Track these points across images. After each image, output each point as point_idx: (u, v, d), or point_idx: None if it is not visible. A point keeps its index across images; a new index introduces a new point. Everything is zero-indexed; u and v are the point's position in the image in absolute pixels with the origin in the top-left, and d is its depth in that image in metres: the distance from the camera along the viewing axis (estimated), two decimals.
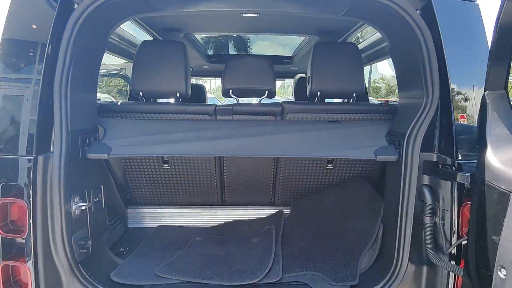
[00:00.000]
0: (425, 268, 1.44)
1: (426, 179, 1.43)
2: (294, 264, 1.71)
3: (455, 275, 1.31)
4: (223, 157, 2.00)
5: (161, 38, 2.62)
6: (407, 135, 1.44)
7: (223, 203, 2.32)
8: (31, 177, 1.27)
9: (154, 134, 1.63)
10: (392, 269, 1.47)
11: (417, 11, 1.35)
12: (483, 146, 1.08)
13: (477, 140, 1.16)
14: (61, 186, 1.32)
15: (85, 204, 1.44)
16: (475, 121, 1.29)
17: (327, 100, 2.13)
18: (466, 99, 1.34)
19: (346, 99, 2.12)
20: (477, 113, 1.20)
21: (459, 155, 1.29)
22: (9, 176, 1.28)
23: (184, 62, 1.89)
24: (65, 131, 1.33)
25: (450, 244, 1.33)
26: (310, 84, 1.98)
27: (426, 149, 1.41)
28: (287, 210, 2.29)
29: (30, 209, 1.27)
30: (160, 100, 2.40)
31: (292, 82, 3.63)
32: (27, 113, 1.28)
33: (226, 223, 2.24)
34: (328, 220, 2.00)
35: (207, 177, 2.14)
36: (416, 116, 1.40)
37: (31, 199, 1.27)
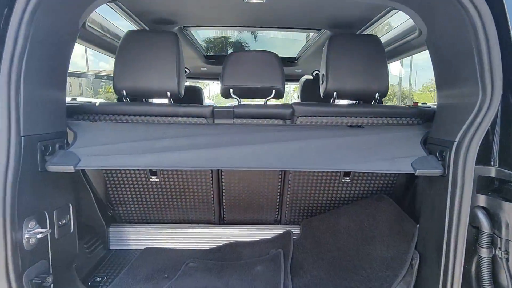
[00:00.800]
0: None
1: (481, 200, 1.11)
2: None
3: None
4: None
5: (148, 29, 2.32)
6: (455, 143, 1.13)
7: (221, 221, 2.00)
8: None
9: (137, 141, 1.32)
10: None
11: None
12: None
13: None
14: (7, 207, 1.00)
15: (43, 230, 1.12)
16: None
17: (342, 102, 1.83)
18: None
19: (360, 101, 1.82)
20: None
21: None
22: None
23: (177, 56, 1.59)
24: (14, 136, 1.02)
25: None
26: (325, 82, 1.68)
27: (481, 161, 1.10)
28: (296, 230, 1.97)
29: None
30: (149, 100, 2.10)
31: (298, 85, 3.34)
32: None
33: (225, 245, 1.91)
34: (346, 245, 1.67)
35: (202, 190, 1.82)
36: (469, 119, 1.10)
37: None
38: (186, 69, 3.70)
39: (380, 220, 1.67)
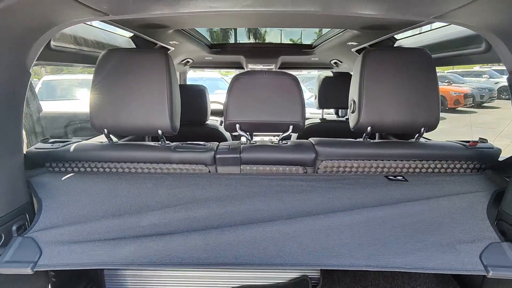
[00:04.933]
0: None
1: None
2: None
3: None
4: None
5: (141, 35, 1.93)
6: None
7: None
8: None
9: (119, 215, 1.03)
10: None
11: None
12: None
13: None
14: None
15: None
16: None
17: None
18: None
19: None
20: None
21: None
22: None
23: (168, 82, 1.25)
24: None
25: None
26: (356, 112, 1.31)
27: None
28: (312, 274, 1.71)
29: None
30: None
31: (315, 81, 2.92)
32: None
33: None
34: None
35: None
36: None
37: None
38: (189, 60, 3.30)
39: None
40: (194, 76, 8.86)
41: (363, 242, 0.97)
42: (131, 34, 2.09)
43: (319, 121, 2.84)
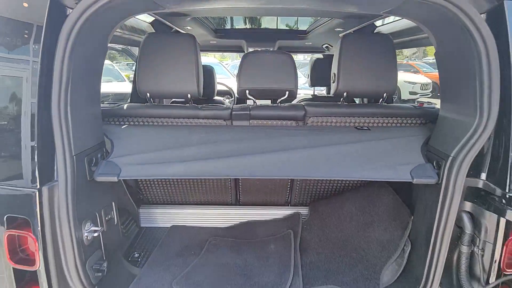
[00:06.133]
0: None
1: (467, 206, 1.30)
2: (314, 276, 1.66)
3: None
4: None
5: (164, 21, 2.34)
6: (451, 158, 1.28)
7: (237, 202, 2.24)
8: (37, 209, 1.16)
9: (165, 149, 1.48)
10: None
11: (482, 15, 1.11)
12: None
13: None
14: (70, 216, 1.21)
15: (97, 228, 1.35)
16: None
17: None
18: None
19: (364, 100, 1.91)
20: None
21: None
22: (14, 209, 1.17)
23: (195, 58, 1.68)
24: (69, 157, 1.19)
25: (488, 277, 1.24)
26: (336, 82, 1.77)
27: (471, 173, 1.26)
28: (303, 211, 2.21)
29: (40, 242, 1.18)
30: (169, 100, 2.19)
31: (308, 63, 3.35)
32: (27, 140, 1.13)
33: (241, 224, 2.18)
34: (349, 227, 1.92)
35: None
36: (465, 138, 1.23)
37: (39, 233, 1.17)
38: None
39: (380, 207, 1.88)
40: None
41: (334, 164, 1.45)
42: (152, 19, 2.50)
43: (311, 96, 3.30)
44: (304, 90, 5.36)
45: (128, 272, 1.67)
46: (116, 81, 7.81)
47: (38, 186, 1.15)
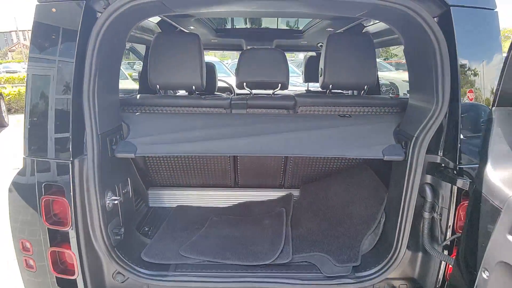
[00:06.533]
0: (420, 256, 1.62)
1: (428, 178, 1.54)
2: (302, 245, 1.91)
3: (446, 263, 1.49)
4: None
5: (170, 21, 2.59)
6: (414, 137, 1.52)
7: (236, 185, 2.49)
8: (70, 178, 1.41)
9: (174, 132, 1.73)
10: (391, 253, 1.65)
11: (434, 19, 1.36)
12: (484, 160, 1.18)
13: (479, 152, 1.25)
14: (96, 185, 1.46)
15: (116, 198, 1.60)
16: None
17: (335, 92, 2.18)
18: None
19: (354, 92, 2.15)
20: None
21: (462, 160, 1.39)
22: (51, 177, 1.42)
23: (199, 55, 1.93)
24: (95, 136, 1.44)
25: (445, 237, 1.49)
26: (322, 76, 2.01)
27: (431, 151, 1.51)
28: (295, 192, 2.46)
29: (71, 206, 1.43)
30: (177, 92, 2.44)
31: (303, 60, 3.60)
32: (64, 120, 1.38)
33: (239, 204, 2.43)
34: (334, 205, 2.16)
35: (222, 161, 2.27)
36: (425, 120, 1.48)
37: (71, 198, 1.42)
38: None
39: (362, 187, 2.13)
40: None
41: (319, 144, 1.70)
42: (158, 20, 2.74)
43: (305, 91, 3.55)
44: (301, 87, 5.61)
45: (140, 240, 1.92)
46: (120, 79, 8.07)
47: (71, 159, 1.40)
